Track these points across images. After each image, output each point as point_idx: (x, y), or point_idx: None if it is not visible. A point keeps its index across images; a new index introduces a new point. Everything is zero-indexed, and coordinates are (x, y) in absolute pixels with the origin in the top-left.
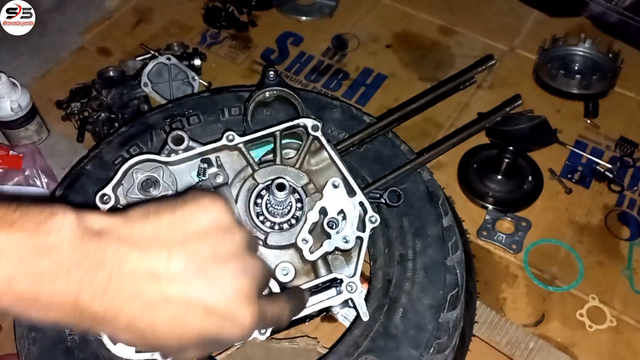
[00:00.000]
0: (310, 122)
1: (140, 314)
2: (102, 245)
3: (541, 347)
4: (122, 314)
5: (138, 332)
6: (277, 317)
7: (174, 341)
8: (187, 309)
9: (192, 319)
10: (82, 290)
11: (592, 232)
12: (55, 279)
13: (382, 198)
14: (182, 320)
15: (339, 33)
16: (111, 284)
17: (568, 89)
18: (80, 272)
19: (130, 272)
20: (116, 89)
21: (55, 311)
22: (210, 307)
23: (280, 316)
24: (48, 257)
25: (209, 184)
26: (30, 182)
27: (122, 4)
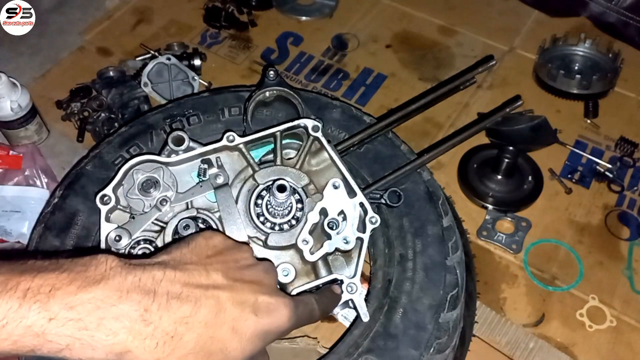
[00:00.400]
0: (310, 122)
1: (204, 317)
2: (148, 270)
3: (541, 347)
4: (191, 322)
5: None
6: (307, 304)
7: (235, 342)
8: (241, 309)
9: (245, 317)
10: (148, 308)
11: (592, 232)
12: (113, 304)
13: (382, 198)
14: (239, 320)
15: (339, 33)
16: (170, 301)
17: (568, 89)
18: (139, 295)
19: (180, 290)
20: (116, 89)
21: (118, 335)
22: (256, 305)
23: (310, 305)
24: (104, 284)
25: (210, 185)
26: (30, 182)
27: (122, 4)
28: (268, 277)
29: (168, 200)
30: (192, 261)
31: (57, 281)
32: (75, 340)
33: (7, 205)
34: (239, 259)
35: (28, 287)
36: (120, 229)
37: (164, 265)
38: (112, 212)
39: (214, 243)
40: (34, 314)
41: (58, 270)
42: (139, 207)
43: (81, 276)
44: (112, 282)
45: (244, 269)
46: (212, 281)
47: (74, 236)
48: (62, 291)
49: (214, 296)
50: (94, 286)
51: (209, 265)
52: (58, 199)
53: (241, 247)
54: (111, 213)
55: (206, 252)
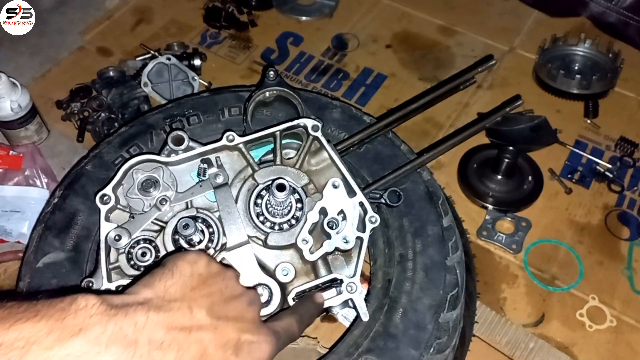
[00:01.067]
0: (310, 122)
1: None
2: (130, 316)
3: (541, 347)
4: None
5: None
6: (287, 330)
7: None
8: (223, 351)
9: (228, 358)
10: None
11: (592, 232)
12: (93, 358)
13: (382, 198)
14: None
15: (339, 33)
16: (152, 352)
17: (568, 89)
18: (119, 348)
19: (163, 337)
20: (116, 89)
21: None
22: (238, 345)
23: (290, 329)
24: (83, 336)
25: (209, 184)
26: (30, 182)
27: (122, 4)
28: (251, 311)
29: (168, 200)
30: (176, 297)
31: (33, 333)
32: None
33: (7, 205)
34: (223, 290)
35: (1, 342)
36: (120, 229)
37: (147, 307)
38: (111, 212)
39: (198, 270)
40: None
41: (35, 318)
42: (139, 207)
43: (59, 325)
44: (91, 333)
45: (229, 302)
46: (195, 322)
47: (74, 236)
48: (37, 345)
49: (197, 340)
50: (73, 338)
51: (193, 301)
52: (58, 199)
53: (226, 273)
54: (111, 212)
55: (190, 283)
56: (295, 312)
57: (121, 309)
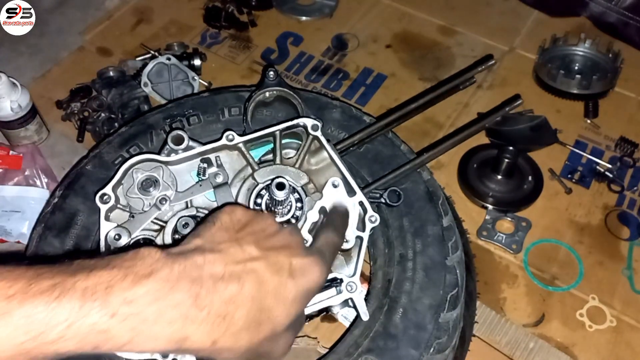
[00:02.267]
0: (310, 121)
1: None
2: (190, 258)
3: (541, 347)
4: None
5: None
6: (329, 244)
7: (280, 308)
8: (279, 276)
9: (285, 282)
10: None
11: (592, 232)
12: (167, 294)
13: (382, 198)
14: (280, 287)
15: (339, 33)
16: (217, 284)
17: (568, 89)
18: (187, 284)
19: (223, 270)
20: (116, 89)
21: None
22: (291, 269)
23: (330, 242)
24: (154, 277)
25: (209, 184)
26: (30, 182)
27: (122, 4)
28: (295, 239)
29: (168, 199)
30: (224, 239)
31: (110, 277)
32: (138, 333)
33: (7, 205)
34: (264, 228)
35: (85, 287)
36: (119, 228)
37: (202, 250)
38: (111, 211)
39: (237, 217)
40: (95, 311)
41: (108, 267)
42: (139, 206)
43: (131, 271)
44: (161, 274)
45: (272, 237)
46: (247, 255)
47: (74, 236)
48: (117, 287)
49: (253, 269)
50: (146, 279)
51: (241, 239)
52: (58, 199)
53: (262, 215)
54: (111, 212)
55: (233, 227)
56: (328, 225)
57: (180, 255)
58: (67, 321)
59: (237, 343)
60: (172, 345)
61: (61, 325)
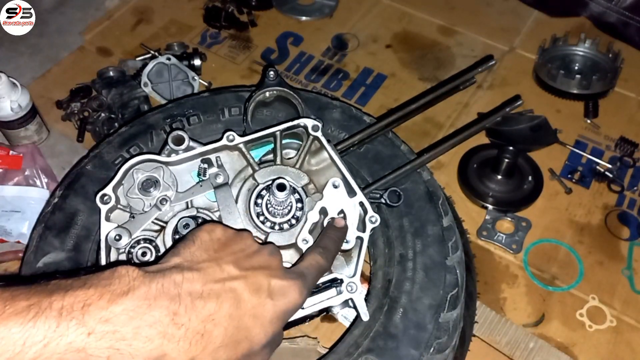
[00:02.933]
0: (310, 122)
1: (227, 311)
2: (168, 276)
3: (541, 347)
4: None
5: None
6: (312, 266)
7: (257, 328)
8: (258, 296)
9: (263, 303)
10: (176, 312)
11: (592, 232)
12: (144, 312)
13: (382, 198)
14: (258, 307)
15: (339, 33)
16: (195, 302)
17: (568, 89)
18: (165, 301)
19: (201, 289)
20: (116, 89)
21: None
22: (270, 289)
23: (315, 264)
24: (132, 295)
25: (209, 184)
26: (30, 182)
27: (122, 4)
28: (274, 260)
29: (168, 200)
30: (204, 259)
31: (86, 297)
32: (115, 351)
33: (7, 205)
34: (244, 248)
35: (61, 306)
36: (120, 228)
37: (180, 269)
38: (112, 212)
39: (217, 236)
40: (72, 330)
41: (85, 287)
42: (139, 207)
43: (107, 290)
44: (138, 292)
45: (252, 257)
46: (226, 274)
47: (74, 236)
48: (94, 306)
49: (232, 288)
50: (123, 298)
51: (220, 259)
52: (58, 199)
53: (242, 234)
54: (111, 212)
55: (212, 246)
56: (317, 246)
57: (158, 273)
58: (44, 341)
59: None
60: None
61: (37, 345)
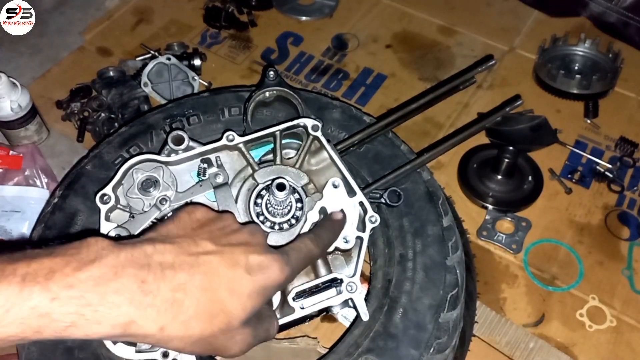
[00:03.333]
0: (310, 122)
1: (200, 282)
2: (138, 246)
3: (541, 347)
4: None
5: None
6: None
7: (234, 302)
8: (234, 270)
9: (240, 277)
10: (145, 279)
11: (592, 232)
12: (111, 279)
13: (382, 198)
14: (234, 281)
15: (339, 33)
16: (165, 271)
17: (568, 89)
18: (133, 270)
19: (173, 260)
20: (116, 89)
21: (121, 307)
22: (248, 264)
23: (303, 248)
24: (98, 263)
25: (209, 184)
26: (30, 182)
27: (122, 4)
28: (255, 238)
29: (168, 200)
30: (179, 234)
31: (52, 264)
32: (80, 317)
33: (7, 205)
34: (223, 227)
35: (25, 272)
36: (120, 228)
37: (153, 241)
38: (111, 212)
39: (197, 217)
40: (36, 295)
41: (51, 255)
42: (139, 207)
43: (75, 258)
44: (106, 260)
45: (231, 234)
46: (201, 248)
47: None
48: (59, 273)
49: (206, 262)
50: (90, 265)
51: (196, 236)
52: (58, 199)
53: (223, 216)
54: (111, 212)
55: (191, 225)
56: (309, 233)
57: (128, 244)
58: (5, 305)
59: (187, 331)
60: (117, 330)
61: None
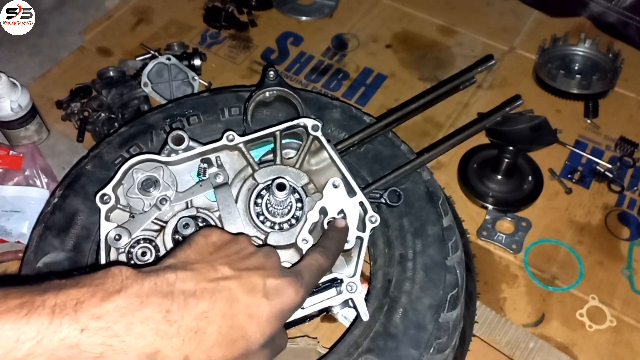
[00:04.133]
0: (310, 122)
1: (221, 309)
2: (161, 275)
3: (541, 347)
4: (210, 316)
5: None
6: (312, 266)
7: (253, 327)
8: (252, 295)
9: (258, 302)
10: (169, 309)
11: (592, 232)
12: (136, 309)
13: (382, 198)
14: (253, 307)
15: (339, 33)
16: (188, 300)
17: (568, 89)
18: (157, 299)
19: (194, 288)
20: (116, 89)
21: (147, 337)
22: (265, 289)
23: (315, 264)
24: (124, 293)
25: (209, 184)
26: (30, 182)
27: (122, 4)
28: (270, 261)
29: (168, 200)
30: (197, 260)
31: (79, 295)
32: (108, 348)
33: (7, 205)
34: (239, 250)
35: (54, 304)
36: (120, 228)
37: (174, 268)
38: (112, 211)
39: (212, 240)
40: (65, 327)
41: (78, 286)
42: (139, 206)
43: (100, 289)
44: (131, 290)
45: (247, 258)
46: (220, 274)
47: (74, 236)
48: (87, 304)
49: (226, 288)
50: (115, 295)
51: (214, 261)
52: (58, 199)
53: (238, 238)
54: (111, 212)
55: (207, 249)
56: (317, 245)
57: (151, 272)
58: (37, 337)
59: (209, 359)
60: (142, 359)
61: (30, 341)
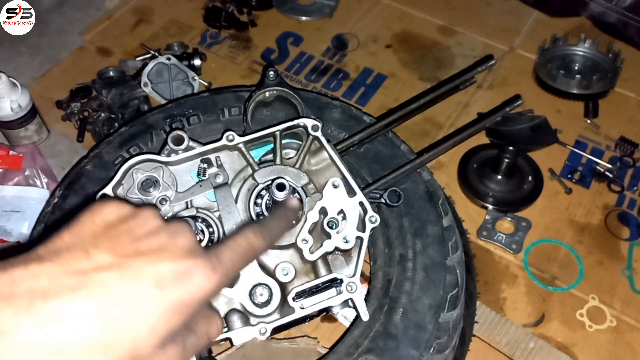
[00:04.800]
0: (310, 122)
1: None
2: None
3: (541, 347)
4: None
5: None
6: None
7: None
8: (136, 287)
9: (145, 294)
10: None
11: (592, 232)
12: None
13: (382, 198)
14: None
15: (339, 33)
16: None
17: (568, 89)
18: None
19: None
20: (116, 89)
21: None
22: (158, 277)
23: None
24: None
25: (209, 184)
26: (30, 182)
27: (122, 4)
28: (176, 239)
29: (168, 200)
30: (71, 246)
31: None
32: None
33: (7, 205)
34: (133, 229)
35: None
36: None
37: (27, 260)
38: None
39: (102, 217)
40: None
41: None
42: None
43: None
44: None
45: (143, 239)
46: (94, 263)
47: None
48: None
49: (98, 281)
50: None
51: (91, 245)
52: (58, 199)
53: (138, 212)
54: None
55: (91, 229)
56: (253, 224)
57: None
58: None
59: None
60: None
61: None
